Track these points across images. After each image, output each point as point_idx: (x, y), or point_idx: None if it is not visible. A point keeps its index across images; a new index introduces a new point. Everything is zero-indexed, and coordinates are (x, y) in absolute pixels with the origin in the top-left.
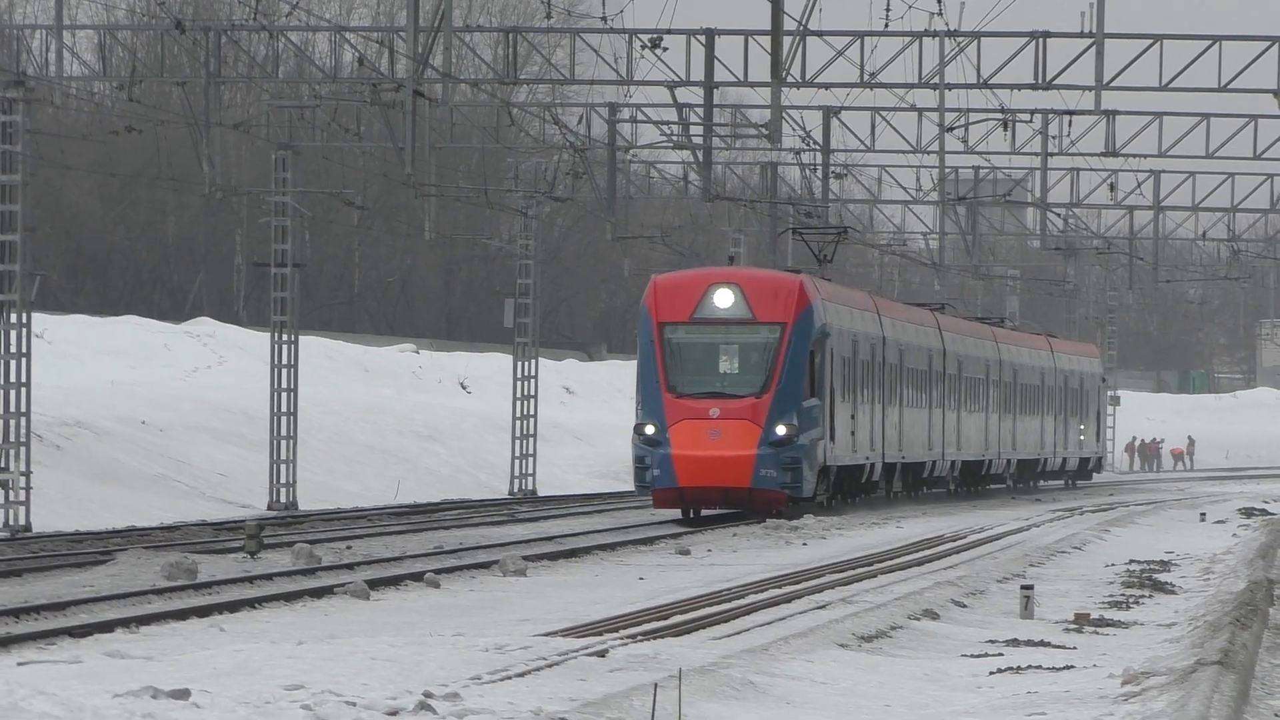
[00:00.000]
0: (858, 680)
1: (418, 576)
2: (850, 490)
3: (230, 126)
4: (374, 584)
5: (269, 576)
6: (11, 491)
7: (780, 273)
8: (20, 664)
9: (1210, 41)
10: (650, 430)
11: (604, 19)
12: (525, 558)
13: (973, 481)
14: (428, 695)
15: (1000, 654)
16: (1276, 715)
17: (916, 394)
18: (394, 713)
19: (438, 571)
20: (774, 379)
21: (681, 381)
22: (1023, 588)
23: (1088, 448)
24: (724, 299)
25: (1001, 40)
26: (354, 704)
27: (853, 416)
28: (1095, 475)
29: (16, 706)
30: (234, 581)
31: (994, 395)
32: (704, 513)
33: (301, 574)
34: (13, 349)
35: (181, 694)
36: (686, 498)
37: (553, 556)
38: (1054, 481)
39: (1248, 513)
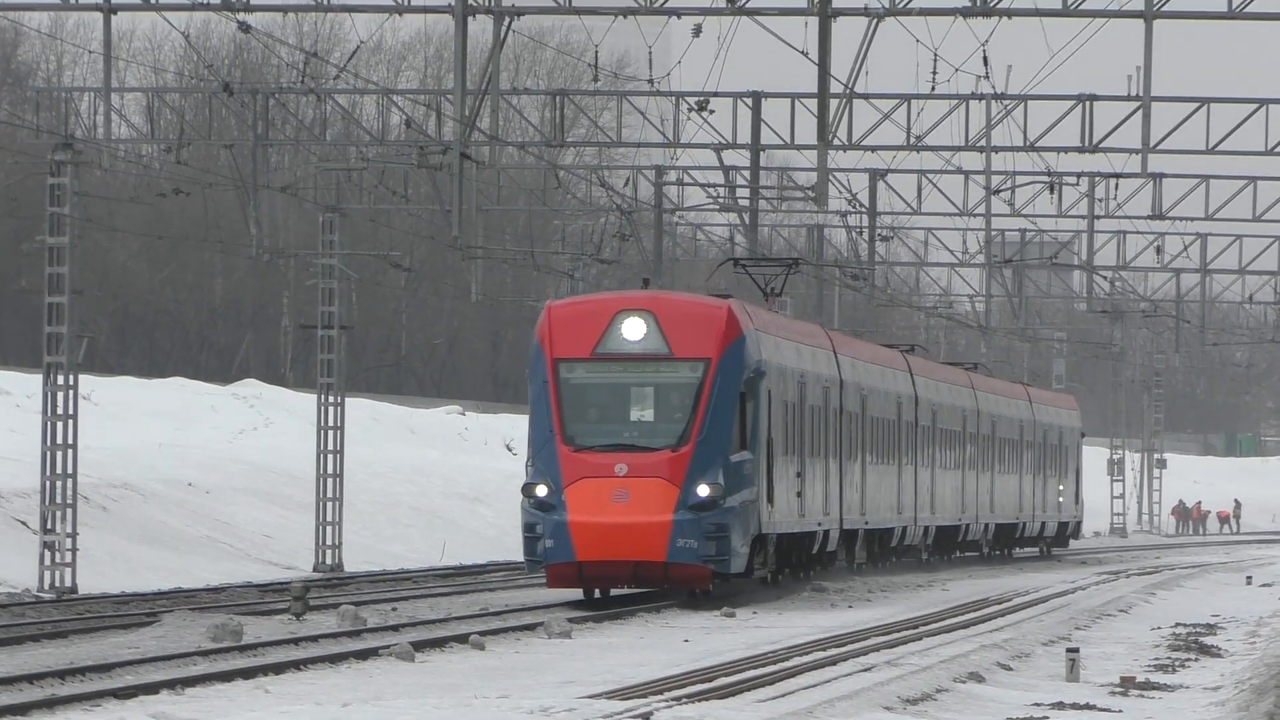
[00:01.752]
0: None
1: (463, 638)
2: (801, 562)
3: (278, 189)
4: (419, 646)
5: (314, 638)
6: (58, 553)
7: (705, 298)
8: None
9: (1257, 105)
10: (542, 492)
11: (651, 82)
12: (570, 619)
13: (947, 549)
14: None
15: (1046, 717)
16: None
17: (883, 448)
18: None
19: (483, 633)
20: (695, 428)
21: (580, 431)
22: (1068, 650)
23: (1066, 511)
24: (634, 330)
25: (1048, 104)
26: None
27: (799, 474)
28: (1073, 541)
29: None
30: (279, 643)
31: (971, 450)
32: (613, 592)
33: (347, 636)
34: (60, 410)
35: None
36: (587, 575)
37: (598, 618)
38: (1029, 549)
39: None
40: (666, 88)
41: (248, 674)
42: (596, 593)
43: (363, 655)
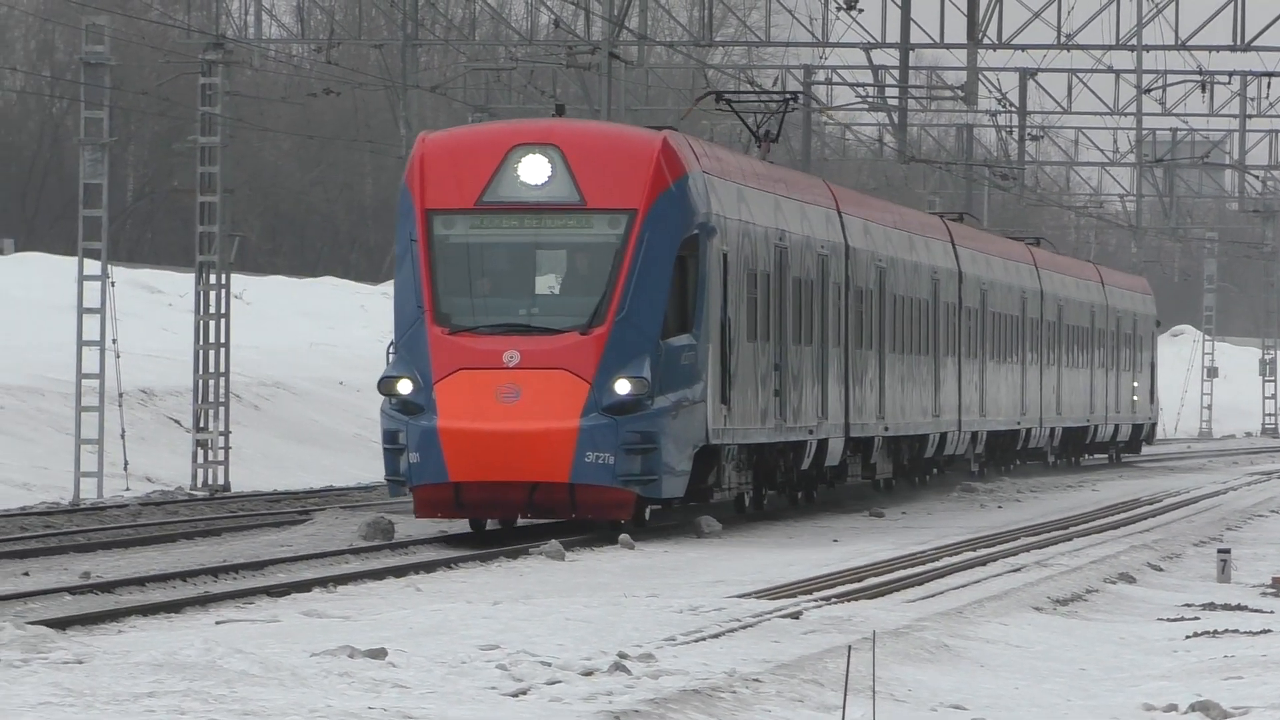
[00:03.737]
0: (1052, 644)
1: (613, 538)
2: (791, 483)
3: (427, 89)
4: (569, 545)
5: (465, 536)
6: (210, 451)
7: (631, 129)
8: (219, 622)
9: None
10: (406, 389)
11: None
12: (720, 519)
13: (1004, 458)
14: (622, 656)
15: (1197, 618)
16: None
17: (911, 335)
18: (589, 673)
19: (633, 533)
20: (613, 303)
21: (458, 307)
22: (1219, 551)
23: (1141, 411)
24: (533, 171)
25: (1200, 1)
26: (549, 664)
27: (777, 366)
28: (1146, 446)
29: (215, 665)
30: (430, 541)
31: (1032, 339)
32: (520, 522)
33: (497, 534)
34: (212, 309)
35: (378, 653)
36: (466, 500)
37: (748, 518)
38: (1098, 456)
39: None
40: None
41: (399, 572)
42: (494, 523)
43: (513, 554)
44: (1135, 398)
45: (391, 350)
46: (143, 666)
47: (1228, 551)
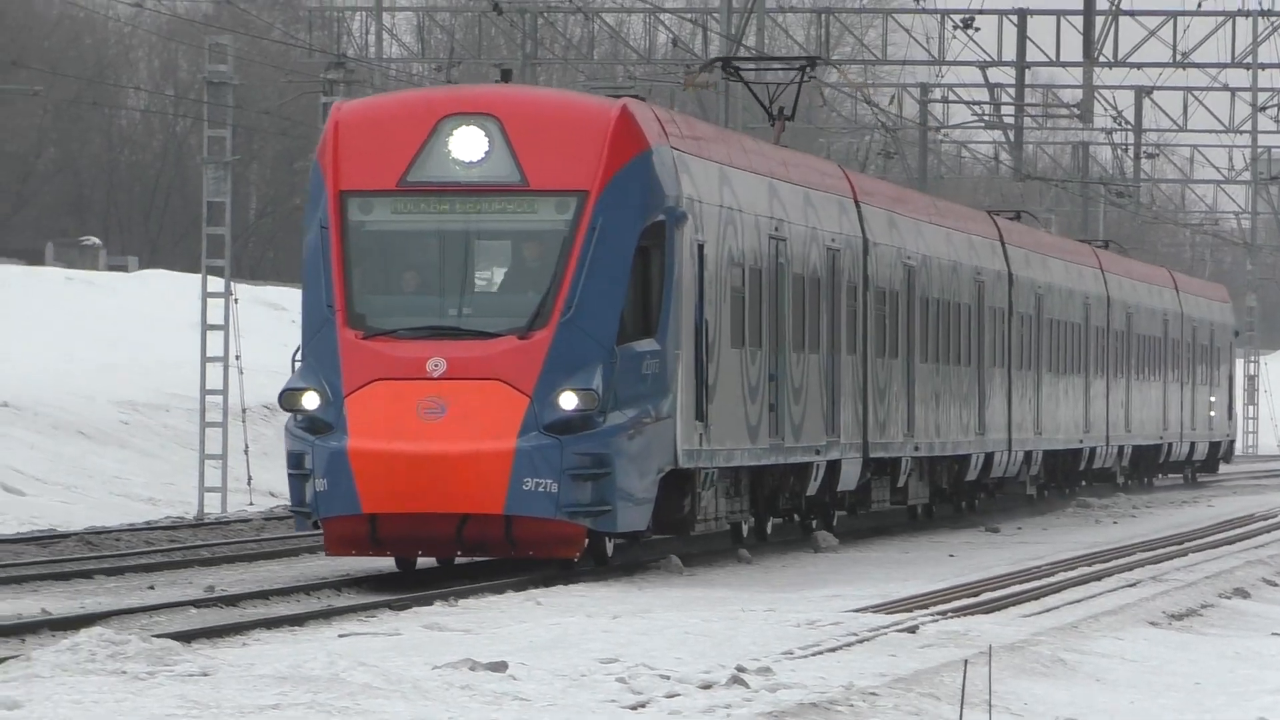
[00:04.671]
0: (1167, 659)
1: (729, 552)
2: (799, 510)
3: None
4: (687, 559)
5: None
6: None
7: (586, 97)
8: (341, 636)
9: None
10: (312, 403)
11: (916, 0)
12: (837, 534)
13: (1066, 479)
14: (740, 669)
15: None
16: None
17: (950, 343)
18: (707, 686)
19: (750, 547)
20: (558, 301)
21: (375, 307)
22: None
23: (1218, 428)
24: (467, 145)
25: None
26: (668, 677)
27: (772, 377)
28: (1224, 465)
29: (338, 678)
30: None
31: (1098, 349)
32: (458, 561)
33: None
34: None
35: (499, 666)
36: (383, 536)
37: (864, 533)
38: (1173, 475)
39: None
40: (931, 5)
41: (519, 586)
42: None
43: (630, 569)
44: (1212, 413)
45: (297, 358)
46: (267, 679)
47: None
